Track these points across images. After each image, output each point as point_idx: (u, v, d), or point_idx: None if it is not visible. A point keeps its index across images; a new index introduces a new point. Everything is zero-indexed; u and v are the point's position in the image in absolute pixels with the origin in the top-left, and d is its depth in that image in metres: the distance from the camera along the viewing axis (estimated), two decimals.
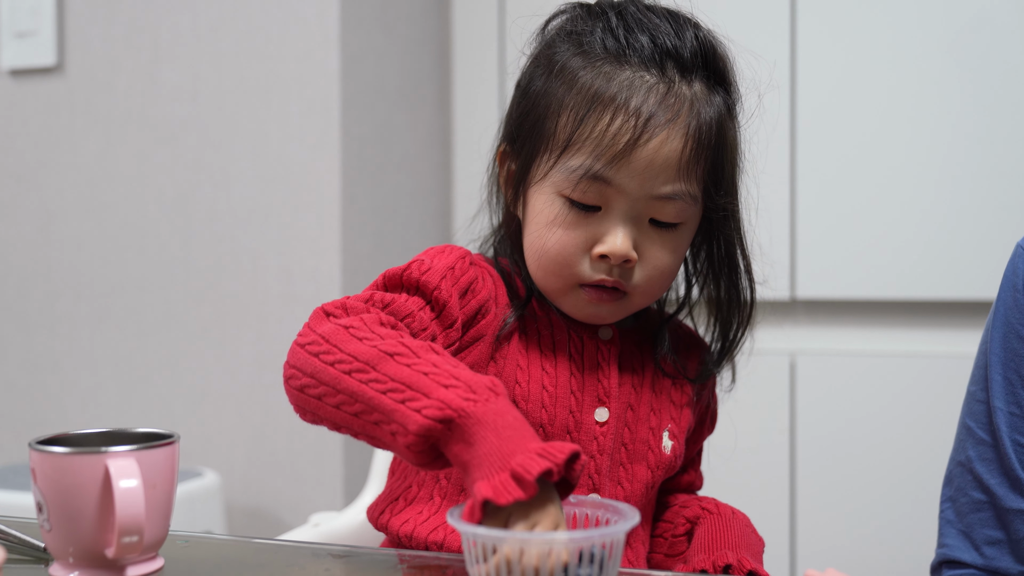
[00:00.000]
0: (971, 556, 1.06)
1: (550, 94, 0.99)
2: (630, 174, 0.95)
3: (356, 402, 0.82)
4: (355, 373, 0.82)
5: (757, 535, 1.06)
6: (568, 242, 0.97)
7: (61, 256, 2.22)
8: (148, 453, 0.83)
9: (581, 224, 0.97)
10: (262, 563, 0.91)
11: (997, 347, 1.07)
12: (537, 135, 0.99)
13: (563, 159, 0.97)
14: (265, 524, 2.07)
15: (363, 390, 0.81)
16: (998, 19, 1.95)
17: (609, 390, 1.02)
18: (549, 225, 0.98)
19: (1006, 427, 1.05)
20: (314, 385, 0.85)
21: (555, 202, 0.98)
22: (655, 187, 0.96)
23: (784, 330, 2.12)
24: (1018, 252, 1.08)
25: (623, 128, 0.94)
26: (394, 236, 2.19)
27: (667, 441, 1.05)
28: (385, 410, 0.80)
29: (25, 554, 0.91)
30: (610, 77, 0.96)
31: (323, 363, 0.84)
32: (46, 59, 2.20)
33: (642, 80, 0.96)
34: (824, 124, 2.05)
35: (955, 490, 1.10)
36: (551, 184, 0.98)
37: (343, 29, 2.02)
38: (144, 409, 2.16)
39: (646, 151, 0.95)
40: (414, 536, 0.99)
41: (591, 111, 0.95)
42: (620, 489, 1.02)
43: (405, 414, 0.78)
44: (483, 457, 0.75)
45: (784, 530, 2.06)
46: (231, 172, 2.09)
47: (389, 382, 0.81)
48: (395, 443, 0.80)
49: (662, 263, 0.99)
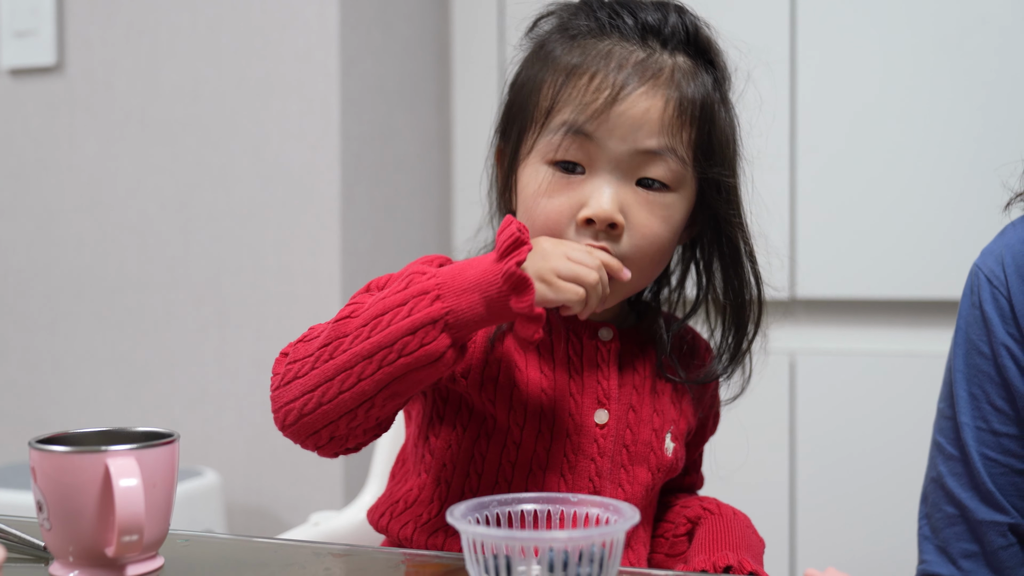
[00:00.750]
0: (949, 570, 1.08)
1: (534, 75, 1.00)
2: (611, 128, 0.94)
3: (353, 367, 0.86)
4: (335, 353, 0.87)
5: (758, 536, 1.06)
6: (554, 209, 0.96)
7: (61, 255, 2.22)
8: (148, 452, 0.83)
9: (566, 189, 0.96)
10: (262, 562, 0.91)
11: (960, 363, 1.10)
12: (523, 116, 1.00)
13: (546, 126, 0.97)
14: (265, 523, 2.07)
15: (351, 354, 0.86)
16: (998, 18, 1.95)
17: (609, 392, 1.01)
18: (535, 196, 0.97)
19: (974, 441, 1.07)
20: (309, 398, 0.89)
21: (540, 171, 0.97)
22: (638, 140, 0.95)
23: (784, 329, 2.12)
24: (974, 271, 1.11)
25: (602, 84, 0.94)
26: (393, 235, 2.19)
27: (669, 443, 1.04)
28: (381, 344, 0.85)
29: (25, 553, 0.91)
30: (590, 47, 0.97)
31: (302, 378, 0.89)
32: (46, 58, 2.20)
33: (622, 47, 0.97)
34: (824, 123, 2.05)
35: (930, 506, 1.12)
36: (536, 154, 0.98)
37: (343, 29, 2.02)
38: (144, 408, 2.16)
39: (626, 105, 0.94)
40: (414, 539, 0.99)
41: (570, 76, 0.96)
42: (621, 491, 1.01)
43: (400, 328, 0.85)
44: (478, 279, 0.86)
45: (784, 529, 2.06)
46: (230, 171, 2.09)
47: (363, 331, 0.86)
48: (418, 355, 0.85)
49: (651, 231, 0.96)
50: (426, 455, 1.01)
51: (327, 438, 0.91)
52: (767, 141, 2.15)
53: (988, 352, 1.07)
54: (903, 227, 2.01)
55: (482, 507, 0.78)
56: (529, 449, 0.98)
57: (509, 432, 0.98)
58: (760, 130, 2.03)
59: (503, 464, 0.98)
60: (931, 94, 1.99)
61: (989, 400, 1.07)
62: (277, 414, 0.92)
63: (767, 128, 2.12)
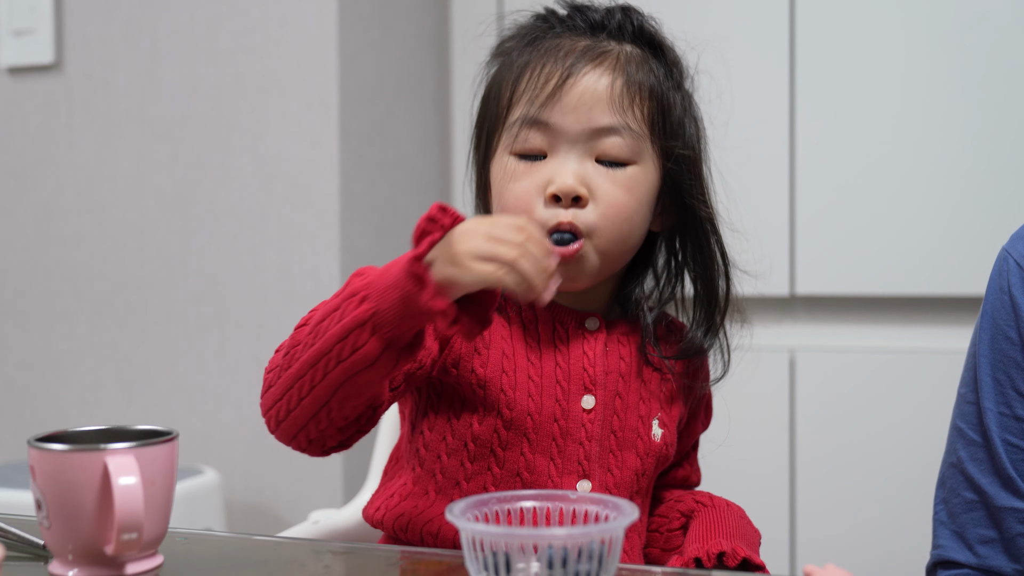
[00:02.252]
0: (965, 556, 1.08)
1: (493, 81, 1.06)
2: (563, 111, 0.99)
3: (305, 373, 0.87)
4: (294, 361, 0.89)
5: (752, 527, 1.07)
6: (521, 190, 1.00)
7: (60, 254, 2.22)
8: (147, 450, 0.83)
9: (531, 172, 1.01)
10: (262, 560, 0.91)
11: (985, 348, 1.09)
12: (490, 119, 1.06)
13: (507, 122, 1.02)
14: (265, 522, 2.07)
15: (303, 361, 0.88)
16: (997, 17, 1.95)
17: (595, 378, 1.03)
18: (502, 183, 1.02)
19: (996, 427, 1.06)
20: (281, 406, 0.90)
21: (505, 161, 1.02)
22: (592, 119, 0.99)
23: (783, 326, 2.12)
24: (1003, 255, 1.10)
25: (551, 72, 1.00)
26: (393, 233, 2.19)
27: (656, 429, 1.06)
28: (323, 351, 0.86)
29: (24, 551, 0.91)
30: (541, 45, 1.03)
31: (274, 387, 0.91)
32: (44, 57, 2.20)
33: (570, 40, 1.03)
34: (824, 121, 2.05)
35: (948, 491, 1.11)
36: (502, 149, 1.03)
37: (341, 26, 2.02)
38: (143, 407, 2.16)
39: (576, 88, 0.99)
40: (409, 528, 1.00)
41: (523, 71, 1.02)
42: (610, 476, 1.03)
43: (335, 334, 0.85)
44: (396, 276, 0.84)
45: (784, 525, 2.06)
46: (230, 169, 2.09)
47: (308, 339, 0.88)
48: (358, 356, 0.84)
49: (616, 200, 1.00)
50: (420, 448, 1.03)
51: (305, 441, 0.93)
52: (767, 140, 2.16)
53: (1016, 338, 1.06)
54: (902, 224, 2.01)
55: (481, 504, 0.78)
56: (518, 435, 1.00)
57: (499, 419, 1.00)
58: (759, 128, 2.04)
59: (493, 450, 1.00)
60: (930, 91, 1.99)
61: (1014, 386, 1.06)
62: (265, 419, 0.94)
63: (768, 126, 2.14)
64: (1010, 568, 1.06)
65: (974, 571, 1.07)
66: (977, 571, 1.07)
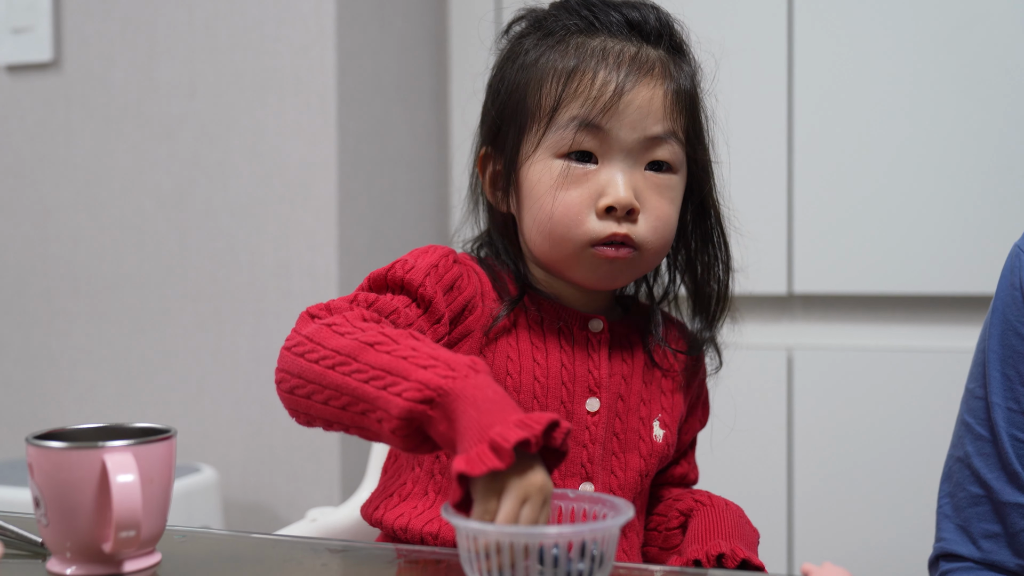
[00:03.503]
0: (968, 550, 1.07)
1: (526, 77, 1.03)
2: (620, 119, 0.99)
3: (342, 395, 0.83)
4: (338, 367, 0.83)
5: (751, 526, 1.07)
6: (572, 201, 0.99)
7: (58, 252, 2.22)
8: (145, 448, 0.83)
9: (582, 180, 0.99)
10: (259, 558, 0.92)
11: (995, 344, 1.08)
12: (521, 116, 1.03)
13: (554, 122, 1.00)
14: (262, 519, 2.07)
15: (347, 382, 0.82)
16: (996, 15, 1.95)
17: (600, 380, 1.03)
18: (551, 189, 1.00)
19: (1004, 423, 1.06)
20: (302, 385, 0.86)
21: (552, 165, 1.00)
22: (647, 128, 1.00)
23: (781, 325, 2.12)
24: (1015, 252, 1.10)
25: (608, 79, 0.99)
26: (391, 231, 2.19)
27: (658, 430, 1.07)
28: (369, 398, 0.80)
29: (22, 549, 0.91)
30: (582, 45, 1.02)
31: (308, 362, 0.86)
32: (42, 55, 2.20)
33: (613, 44, 1.02)
34: (821, 119, 2.05)
35: (953, 485, 1.11)
36: (545, 150, 1.01)
37: (340, 25, 2.02)
38: (141, 405, 2.16)
39: (633, 96, 0.99)
40: (409, 528, 1.00)
41: (573, 73, 1.00)
42: (614, 478, 1.03)
43: (387, 399, 0.79)
44: (464, 431, 0.75)
45: (782, 524, 2.06)
46: (228, 168, 2.09)
47: (370, 371, 0.81)
48: (382, 430, 0.80)
49: (664, 212, 1.01)
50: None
51: (306, 422, 0.90)
52: (766, 138, 2.16)
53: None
54: (900, 223, 2.01)
55: None
56: None
57: None
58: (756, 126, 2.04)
59: None
60: (929, 91, 1.99)
61: (1023, 382, 1.06)
62: (277, 373, 0.91)
63: (766, 124, 2.14)
64: (1013, 563, 1.06)
65: (977, 565, 1.07)
66: (980, 565, 1.07)
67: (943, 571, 1.10)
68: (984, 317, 1.13)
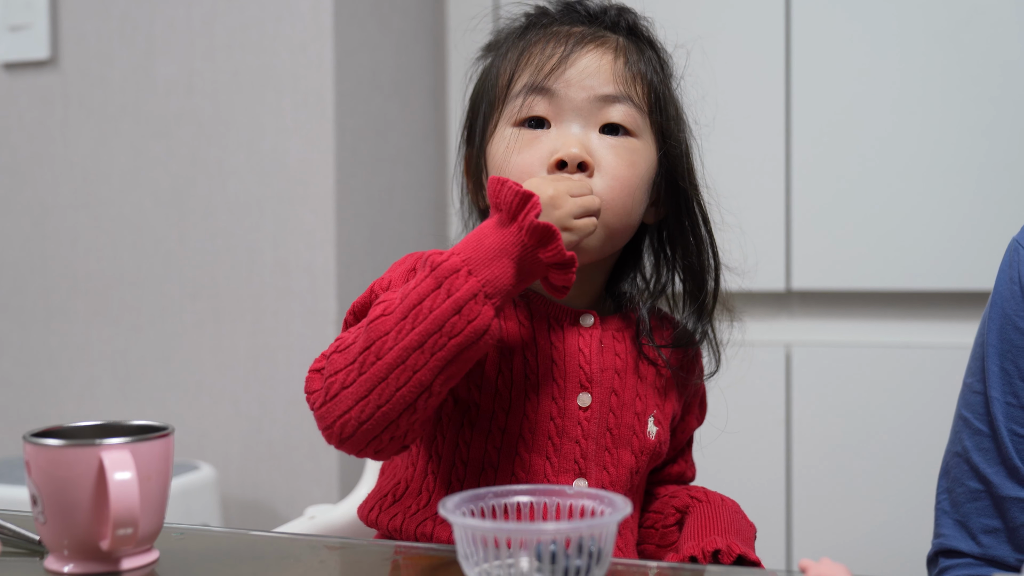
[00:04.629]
0: (968, 545, 1.07)
1: (490, 68, 1.07)
2: (568, 81, 1.01)
3: (408, 356, 0.86)
4: (383, 351, 0.87)
5: (748, 521, 1.07)
6: (524, 161, 1.01)
7: (56, 250, 2.22)
8: (142, 445, 0.83)
9: (534, 142, 1.01)
10: (257, 555, 0.92)
11: (994, 338, 1.08)
12: (486, 105, 1.06)
13: (508, 95, 1.03)
14: (261, 517, 2.07)
15: (404, 346, 0.86)
16: (993, 10, 1.95)
17: (591, 375, 1.03)
18: (504, 155, 1.02)
19: (1003, 417, 1.06)
20: (368, 402, 0.87)
21: (507, 133, 1.03)
22: (596, 87, 1.01)
23: (779, 321, 2.12)
24: (1013, 246, 1.09)
25: (555, 46, 1.02)
26: (389, 229, 2.19)
27: (652, 427, 1.06)
28: (433, 329, 0.86)
29: (20, 547, 0.91)
30: (541, 31, 1.05)
31: (354, 385, 0.87)
32: (40, 52, 2.20)
33: (570, 27, 1.05)
34: (819, 116, 2.05)
35: (952, 480, 1.10)
36: (503, 123, 1.04)
37: (337, 22, 2.02)
38: (139, 403, 2.16)
39: (580, 60, 1.02)
40: (403, 529, 1.00)
41: (524, 51, 1.04)
42: (606, 474, 1.03)
43: (446, 310, 0.86)
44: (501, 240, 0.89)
45: (780, 520, 2.06)
46: (226, 165, 2.09)
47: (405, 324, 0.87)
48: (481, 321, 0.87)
49: (620, 172, 1.01)
50: (413, 448, 1.03)
51: (388, 440, 0.89)
52: (764, 135, 2.16)
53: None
54: (898, 219, 2.01)
55: (476, 499, 0.79)
56: (514, 434, 1.00)
57: (494, 418, 1.00)
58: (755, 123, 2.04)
59: (488, 450, 1.00)
60: (926, 87, 1.99)
61: (1022, 376, 1.06)
62: (331, 430, 0.88)
63: (764, 121, 2.14)
64: (1013, 558, 1.05)
65: (977, 560, 1.07)
66: (980, 560, 1.07)
67: (942, 567, 1.10)
68: (982, 313, 1.13)
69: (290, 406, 2.06)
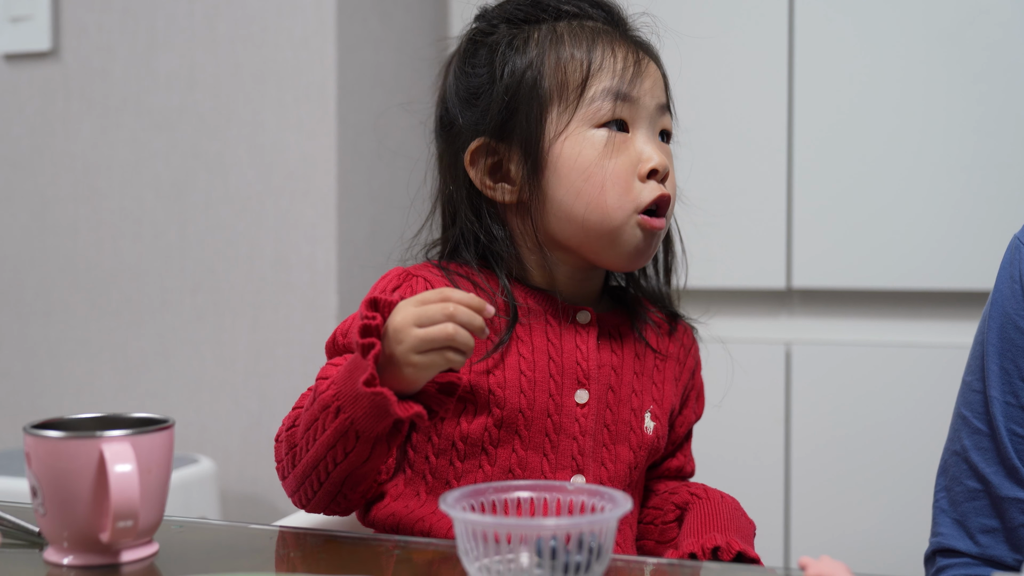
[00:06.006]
0: (965, 544, 1.07)
1: (538, 61, 1.05)
2: (643, 89, 1.05)
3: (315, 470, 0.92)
4: (298, 459, 0.93)
5: (747, 518, 1.07)
6: (620, 168, 1.03)
7: (56, 243, 2.22)
8: (143, 438, 0.83)
9: (623, 147, 1.03)
10: (257, 548, 0.92)
11: (994, 337, 1.07)
12: (539, 98, 1.04)
13: (584, 96, 1.03)
14: (260, 511, 2.07)
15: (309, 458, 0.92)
16: (997, 10, 1.95)
17: (588, 372, 1.03)
18: (599, 158, 1.02)
19: (1002, 416, 1.05)
20: (309, 483, 0.94)
21: (595, 136, 1.03)
22: (660, 97, 1.07)
23: (780, 319, 2.12)
24: (1015, 244, 1.09)
25: (627, 52, 1.05)
26: (390, 224, 2.19)
27: (649, 422, 1.07)
28: (321, 454, 0.90)
29: (20, 539, 0.91)
30: (579, 28, 1.07)
31: (290, 479, 0.96)
32: (41, 44, 2.19)
33: (601, 24, 1.08)
34: (820, 115, 2.05)
35: (950, 479, 1.10)
36: (579, 122, 1.03)
37: (340, 17, 2.02)
38: (139, 396, 2.16)
39: (648, 68, 1.06)
40: (400, 527, 1.00)
41: (592, 50, 1.05)
42: (604, 470, 1.03)
43: (326, 441, 0.89)
44: (354, 382, 0.86)
45: (779, 519, 2.07)
46: (227, 159, 2.09)
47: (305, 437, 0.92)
48: (359, 455, 0.88)
49: (674, 178, 1.08)
50: (408, 449, 1.04)
51: (344, 507, 0.96)
52: (765, 133, 2.16)
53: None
54: (899, 218, 2.01)
55: (477, 494, 0.79)
56: (511, 431, 0.99)
57: (490, 415, 0.99)
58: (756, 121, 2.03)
59: (485, 447, 0.99)
60: (928, 86, 1.99)
61: (1021, 376, 1.05)
62: (293, 499, 0.98)
63: (766, 120, 2.14)
64: (1011, 558, 1.05)
65: (974, 560, 1.07)
66: (977, 560, 1.07)
67: (940, 566, 1.10)
68: (982, 312, 1.13)
69: (289, 400, 2.05)
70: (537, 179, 1.04)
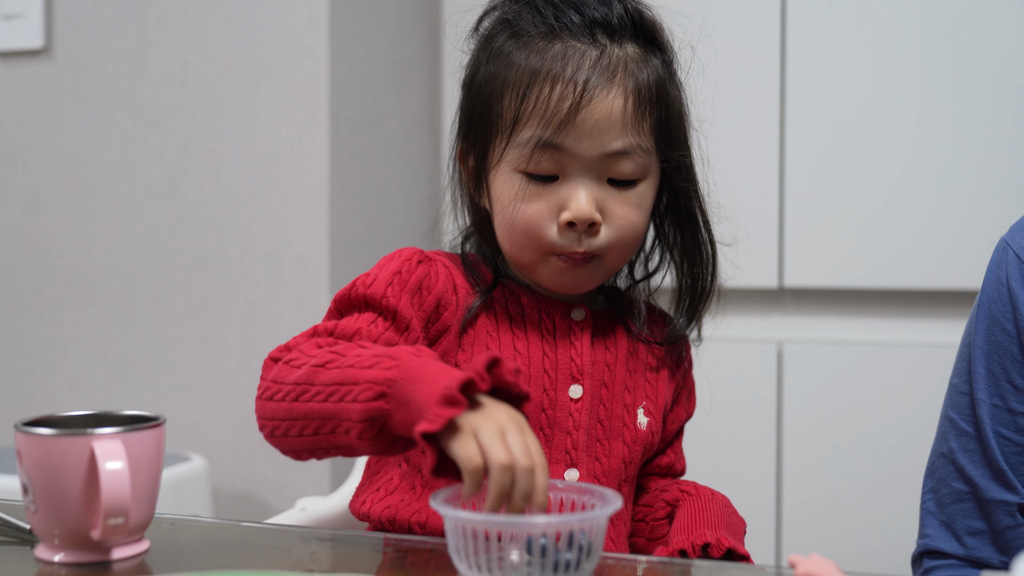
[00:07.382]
0: (952, 546, 1.07)
1: (492, 79, 1.03)
2: (578, 136, 0.97)
3: (311, 421, 0.85)
4: (300, 397, 0.86)
5: (737, 516, 1.08)
6: (533, 213, 1.00)
7: (48, 240, 2.22)
8: (134, 435, 0.83)
9: (542, 194, 1.00)
10: (248, 546, 0.92)
11: (981, 339, 1.08)
12: (487, 121, 1.03)
13: (514, 137, 1.00)
14: (252, 509, 2.07)
15: (310, 408, 0.85)
16: (989, 8, 1.95)
17: (582, 368, 1.04)
18: (512, 202, 1.00)
19: (989, 419, 1.06)
20: (278, 425, 0.88)
21: (514, 179, 1.00)
22: (605, 144, 0.98)
23: (772, 318, 2.13)
24: (1002, 246, 1.09)
25: (564, 94, 0.97)
26: (382, 221, 2.19)
27: (642, 418, 1.08)
28: (331, 415, 0.83)
29: (10, 536, 0.91)
30: (544, 51, 1.00)
31: (276, 403, 0.88)
32: (33, 42, 2.19)
33: (574, 48, 0.99)
34: (813, 113, 2.05)
35: (937, 481, 1.10)
36: (507, 163, 1.01)
37: (332, 13, 2.02)
38: (131, 394, 2.16)
39: (590, 112, 0.97)
40: (396, 519, 1.00)
41: (531, 85, 0.99)
42: (598, 464, 1.04)
43: (346, 409, 0.81)
44: (419, 404, 0.76)
45: (770, 517, 2.07)
46: (219, 156, 2.08)
47: (325, 390, 0.84)
48: (352, 440, 0.82)
49: (628, 220, 1.01)
50: None
51: (306, 458, 0.91)
52: (757, 132, 2.16)
53: (1012, 330, 1.06)
54: (891, 217, 2.01)
55: None
56: None
57: None
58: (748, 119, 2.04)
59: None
60: (921, 85, 1.99)
61: (1008, 378, 1.06)
62: (258, 422, 0.92)
63: (758, 119, 2.14)
64: (997, 560, 1.05)
65: (961, 562, 1.07)
66: (964, 562, 1.07)
67: (926, 568, 1.10)
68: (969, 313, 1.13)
69: None
70: (483, 197, 1.06)
